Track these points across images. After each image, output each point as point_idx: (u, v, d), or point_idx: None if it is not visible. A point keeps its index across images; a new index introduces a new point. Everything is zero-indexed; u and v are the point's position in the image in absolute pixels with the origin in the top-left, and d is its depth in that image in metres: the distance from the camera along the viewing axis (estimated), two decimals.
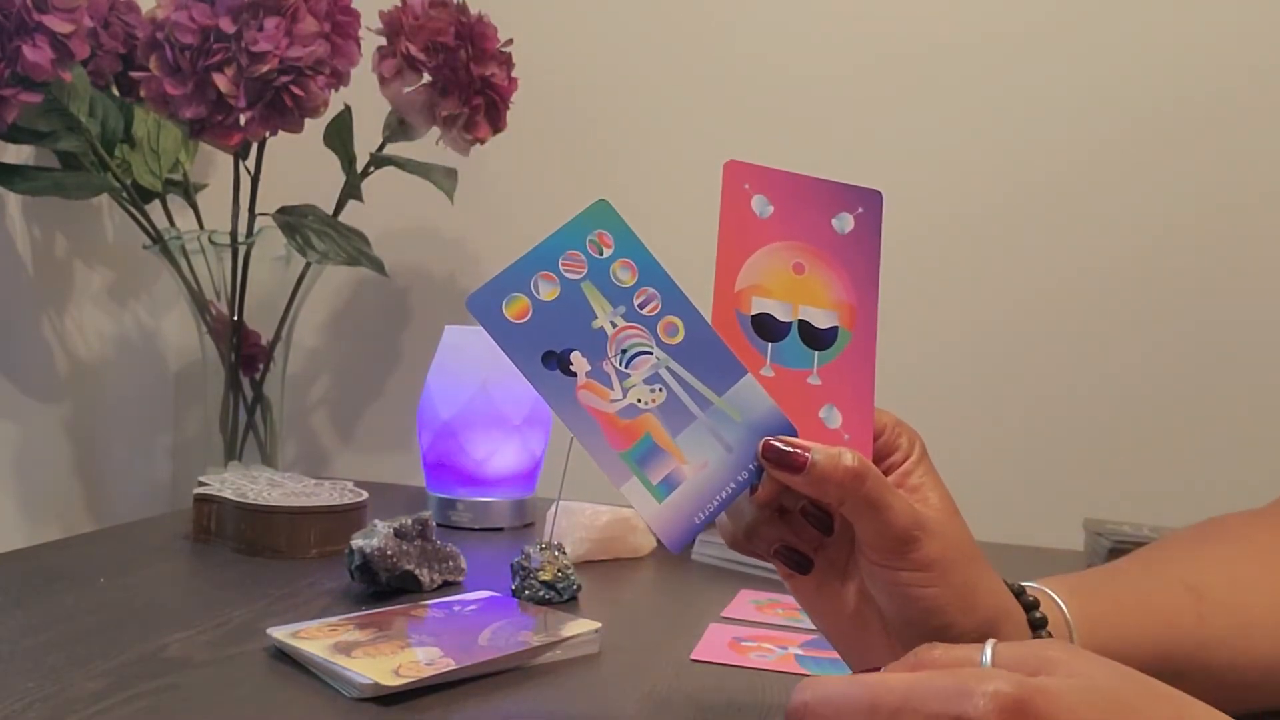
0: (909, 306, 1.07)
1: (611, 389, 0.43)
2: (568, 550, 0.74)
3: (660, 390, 0.44)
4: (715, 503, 0.43)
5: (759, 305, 0.46)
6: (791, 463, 0.43)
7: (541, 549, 0.70)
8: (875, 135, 1.09)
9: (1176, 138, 1.03)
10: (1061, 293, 1.06)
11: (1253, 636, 0.51)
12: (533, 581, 0.69)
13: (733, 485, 0.44)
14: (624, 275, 0.44)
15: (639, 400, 0.43)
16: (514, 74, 1.00)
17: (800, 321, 0.46)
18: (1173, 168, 1.03)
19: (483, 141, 0.99)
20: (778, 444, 0.43)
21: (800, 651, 0.61)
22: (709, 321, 0.45)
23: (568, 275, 0.44)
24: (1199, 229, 1.03)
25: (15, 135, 0.86)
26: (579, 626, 0.60)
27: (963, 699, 0.31)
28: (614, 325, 0.44)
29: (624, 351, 0.44)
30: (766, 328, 0.46)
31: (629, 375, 0.43)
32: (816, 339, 0.47)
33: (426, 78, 0.96)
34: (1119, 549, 0.83)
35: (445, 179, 1.03)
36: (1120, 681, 0.33)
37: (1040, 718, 0.30)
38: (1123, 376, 1.05)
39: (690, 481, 0.43)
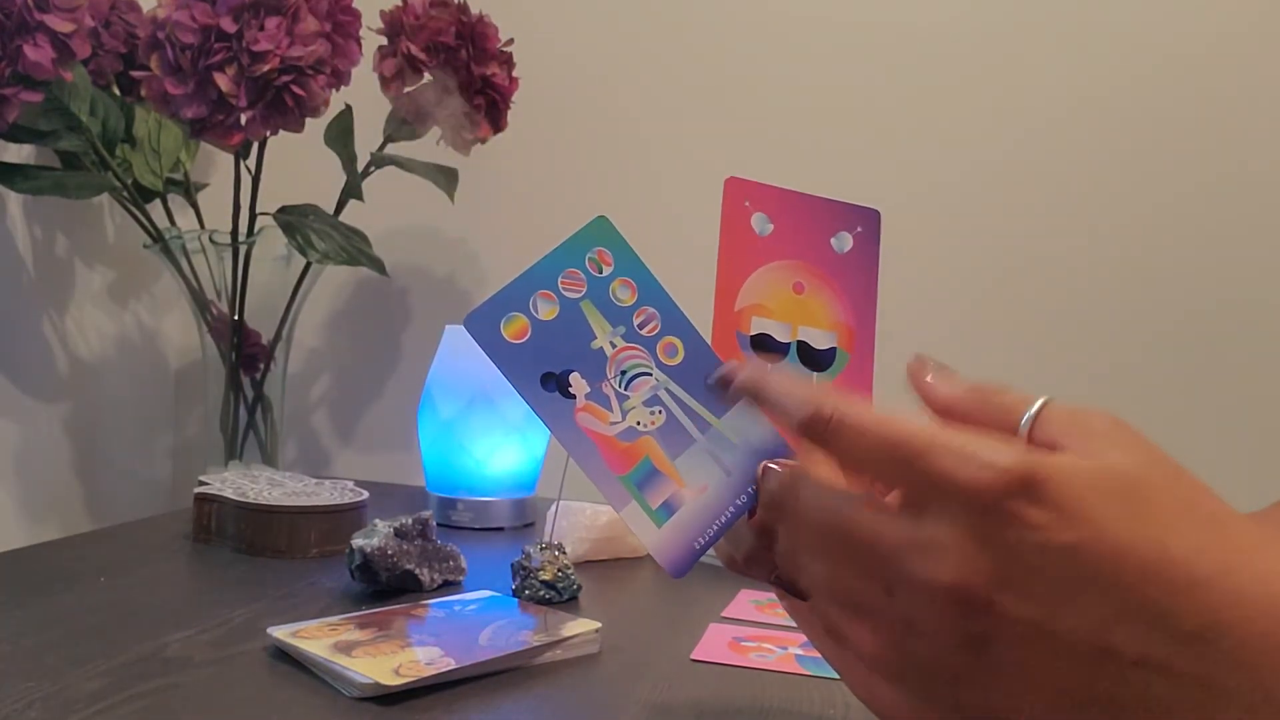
0: (907, 307, 1.07)
1: (611, 411, 0.43)
2: (568, 550, 0.74)
3: (659, 412, 0.43)
4: (715, 527, 0.43)
5: (758, 325, 0.46)
6: None
7: (542, 549, 0.70)
8: (875, 148, 1.09)
9: (1174, 138, 1.03)
10: (1059, 295, 1.06)
11: None
12: (533, 581, 0.69)
13: (732, 509, 0.43)
14: (623, 294, 0.44)
15: (638, 423, 0.43)
16: (515, 74, 1.00)
17: (799, 342, 0.46)
18: (1172, 169, 1.03)
19: (483, 141, 0.99)
20: (777, 468, 0.43)
21: (800, 651, 0.61)
22: (708, 342, 0.45)
23: (567, 294, 0.43)
24: (1198, 230, 1.03)
25: (16, 134, 0.86)
26: (579, 626, 0.60)
27: (979, 467, 0.31)
28: (613, 346, 0.43)
29: (623, 373, 0.43)
30: (766, 348, 0.46)
31: (628, 397, 0.43)
32: (815, 360, 0.46)
33: (427, 77, 0.96)
34: None
35: (446, 179, 1.03)
36: (1145, 468, 0.32)
37: (1045, 499, 0.31)
38: (1121, 378, 1.05)
39: (689, 506, 0.43)
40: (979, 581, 0.31)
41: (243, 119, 0.85)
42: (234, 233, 0.98)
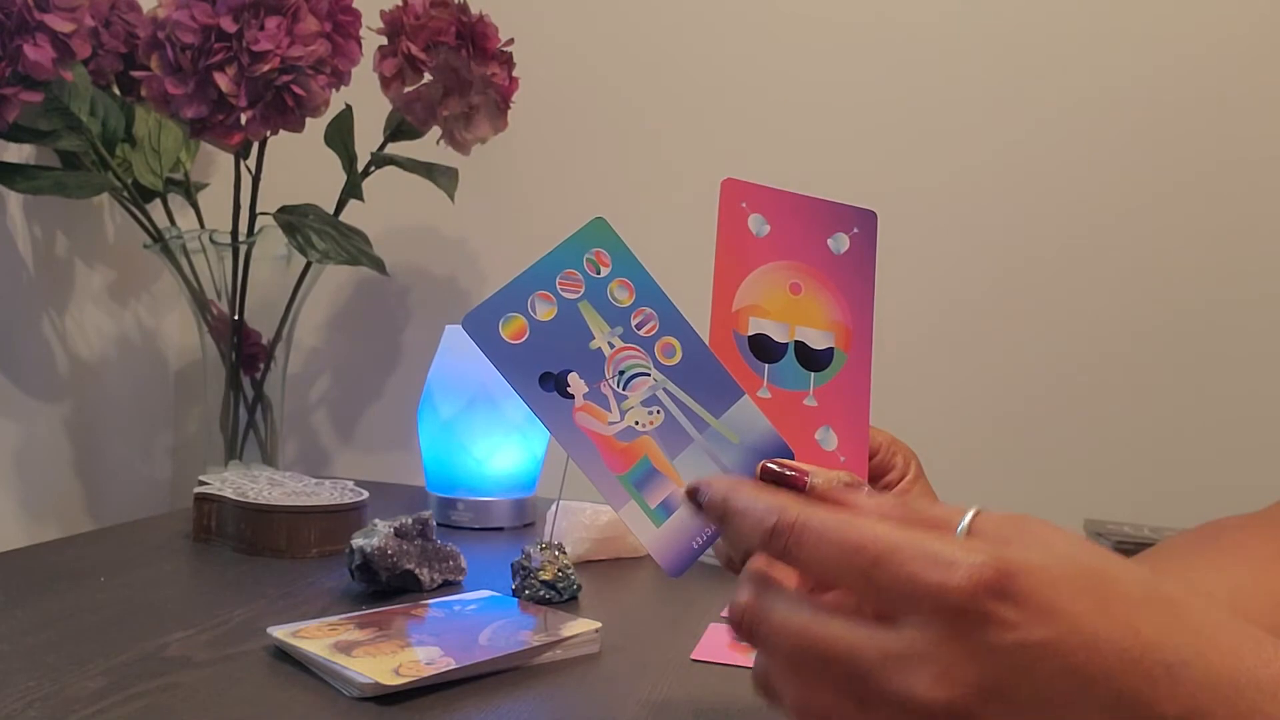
0: (908, 307, 1.07)
1: (609, 411, 0.43)
2: (568, 550, 0.74)
3: (658, 412, 0.43)
4: (713, 527, 0.43)
5: (756, 326, 0.46)
6: (790, 485, 0.43)
7: (542, 549, 0.70)
8: (874, 148, 1.09)
9: (1174, 137, 1.03)
10: (1061, 294, 1.06)
11: None
12: (533, 581, 0.69)
13: None
14: (621, 295, 0.44)
15: (637, 422, 0.43)
16: (515, 74, 1.00)
17: (797, 343, 0.46)
18: (1174, 168, 1.03)
19: (484, 141, 0.99)
20: (775, 467, 0.43)
21: None
22: (706, 342, 0.45)
23: (565, 295, 0.43)
24: (1201, 230, 1.03)
25: (16, 134, 0.86)
26: (579, 626, 0.60)
27: (945, 567, 0.30)
28: (611, 346, 0.43)
29: (622, 373, 0.43)
30: (763, 348, 0.46)
31: (626, 397, 0.43)
32: (813, 360, 0.47)
33: (427, 77, 0.96)
34: (1120, 550, 0.83)
35: (446, 179, 1.03)
36: (1099, 559, 0.33)
37: (1020, 592, 0.30)
38: (1123, 377, 1.05)
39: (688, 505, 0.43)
40: (961, 694, 0.31)
41: (243, 119, 0.85)
42: (234, 233, 0.98)
